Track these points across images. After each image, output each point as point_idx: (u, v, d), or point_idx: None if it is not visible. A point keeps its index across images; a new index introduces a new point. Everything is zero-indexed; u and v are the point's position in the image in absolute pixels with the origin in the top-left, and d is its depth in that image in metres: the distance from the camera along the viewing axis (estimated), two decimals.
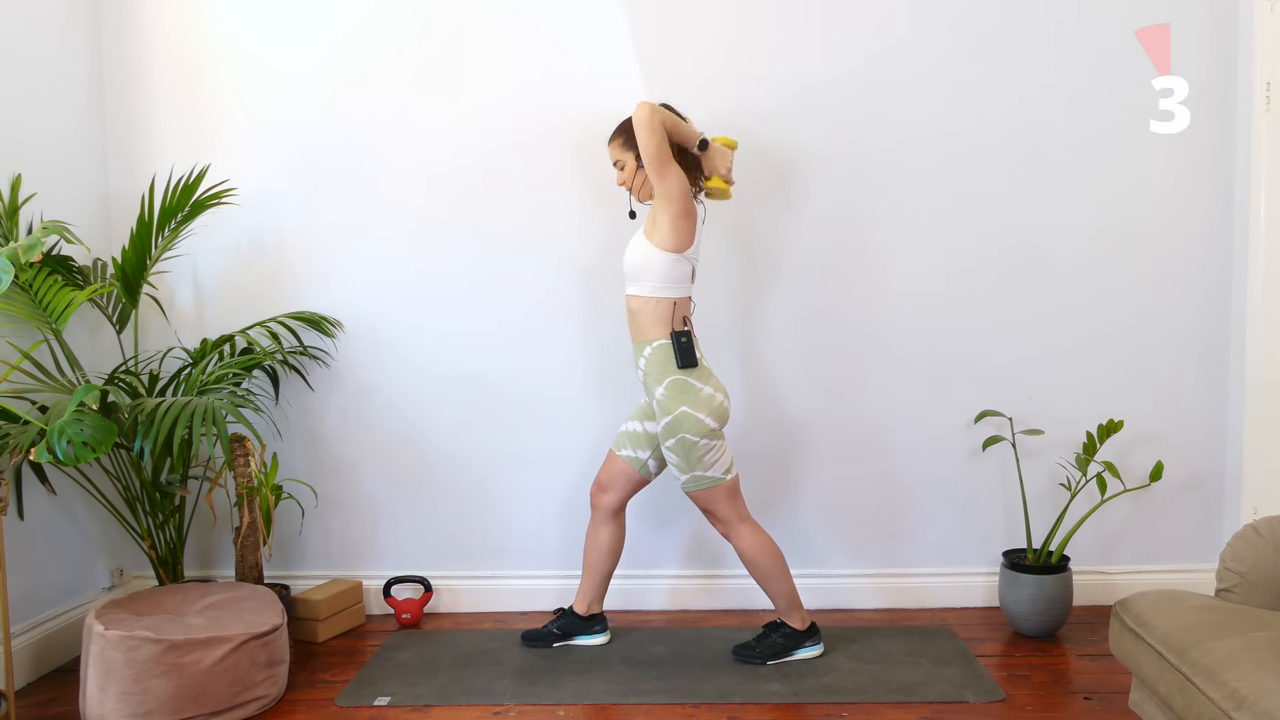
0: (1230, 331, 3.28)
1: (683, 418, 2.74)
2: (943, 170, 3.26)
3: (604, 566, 3.04)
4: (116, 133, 3.36)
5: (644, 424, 2.93)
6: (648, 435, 2.93)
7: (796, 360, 3.33)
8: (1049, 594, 3.04)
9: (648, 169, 2.71)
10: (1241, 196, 3.21)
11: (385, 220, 3.34)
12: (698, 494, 2.82)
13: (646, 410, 2.94)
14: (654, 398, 2.80)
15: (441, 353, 3.36)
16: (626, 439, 2.96)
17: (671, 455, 2.79)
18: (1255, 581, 2.20)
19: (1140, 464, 3.27)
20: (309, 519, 3.42)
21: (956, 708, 2.62)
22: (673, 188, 2.71)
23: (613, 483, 2.98)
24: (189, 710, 2.52)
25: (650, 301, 2.79)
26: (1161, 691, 2.04)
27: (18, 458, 2.65)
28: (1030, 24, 3.21)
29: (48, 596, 3.05)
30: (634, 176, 2.85)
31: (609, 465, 2.98)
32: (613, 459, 2.98)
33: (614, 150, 2.88)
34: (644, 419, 2.94)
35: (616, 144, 2.86)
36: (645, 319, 2.80)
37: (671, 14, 3.23)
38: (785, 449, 3.37)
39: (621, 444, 2.97)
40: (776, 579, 2.87)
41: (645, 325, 2.81)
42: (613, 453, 2.98)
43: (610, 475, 2.98)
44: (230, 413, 2.69)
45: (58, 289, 2.83)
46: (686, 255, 2.78)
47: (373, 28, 3.29)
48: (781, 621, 2.93)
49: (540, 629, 3.08)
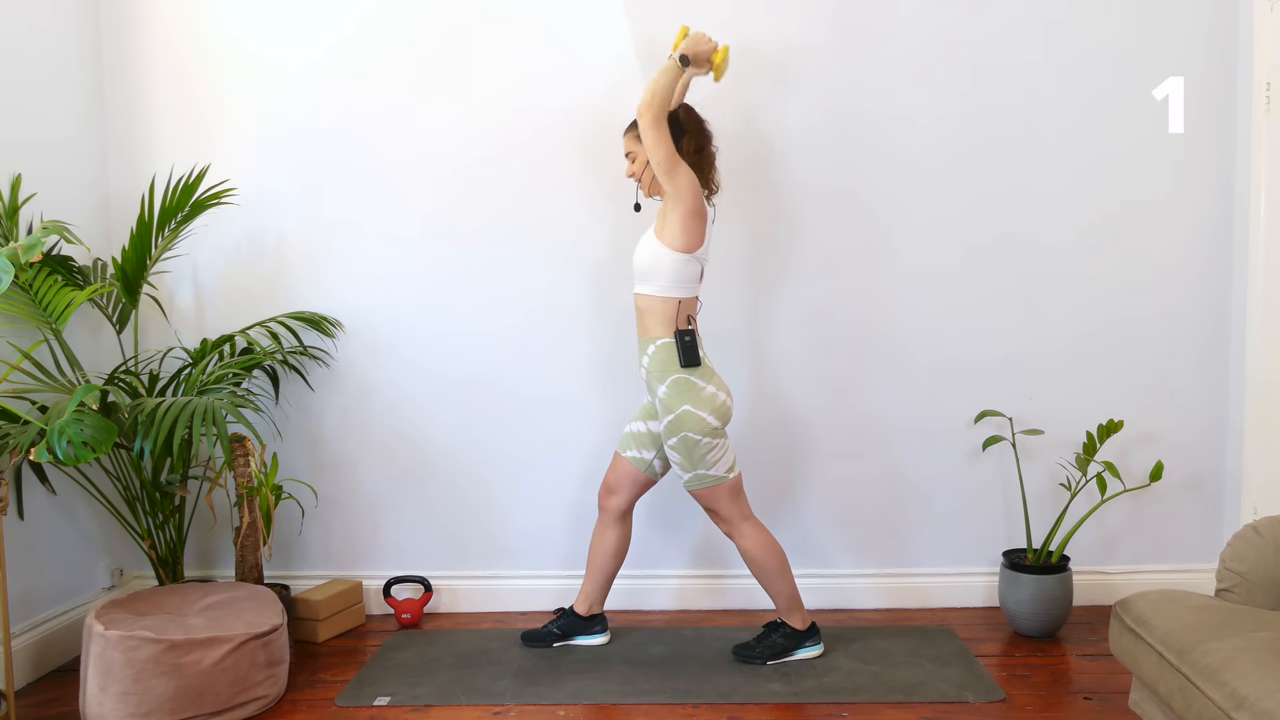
0: (1230, 331, 3.28)
1: (685, 416, 2.74)
2: (944, 170, 3.26)
3: (609, 568, 3.04)
4: (116, 133, 3.36)
5: (647, 424, 2.93)
6: (652, 435, 2.93)
7: (798, 359, 3.33)
8: (1049, 594, 3.04)
9: (656, 173, 2.72)
10: (1241, 196, 3.21)
11: (385, 219, 3.34)
12: (701, 492, 2.82)
13: (650, 410, 2.94)
14: (656, 396, 2.80)
15: (442, 352, 3.36)
16: (631, 440, 2.96)
17: (674, 454, 2.80)
18: (1255, 581, 2.20)
19: (1140, 464, 3.27)
20: (309, 519, 3.42)
21: (956, 708, 2.62)
22: (682, 187, 2.70)
23: (620, 485, 2.97)
24: (189, 710, 2.52)
25: (658, 300, 2.79)
26: (1161, 691, 2.04)
27: (18, 458, 2.65)
28: (1030, 22, 3.21)
29: (48, 596, 3.05)
30: (644, 170, 2.84)
31: (615, 467, 2.98)
32: (619, 461, 2.97)
33: (628, 141, 2.88)
34: (647, 419, 2.94)
35: (631, 135, 2.86)
36: (651, 318, 2.80)
37: (670, 9, 3.24)
38: (786, 448, 3.37)
39: (626, 445, 2.96)
40: (778, 578, 2.87)
41: (650, 324, 2.81)
42: (618, 455, 2.98)
43: (617, 477, 2.97)
44: (230, 413, 2.69)
45: (58, 289, 2.83)
46: (696, 255, 2.77)
47: (373, 27, 3.29)
48: (782, 621, 2.93)
49: (540, 629, 3.08)
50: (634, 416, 2.98)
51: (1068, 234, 3.27)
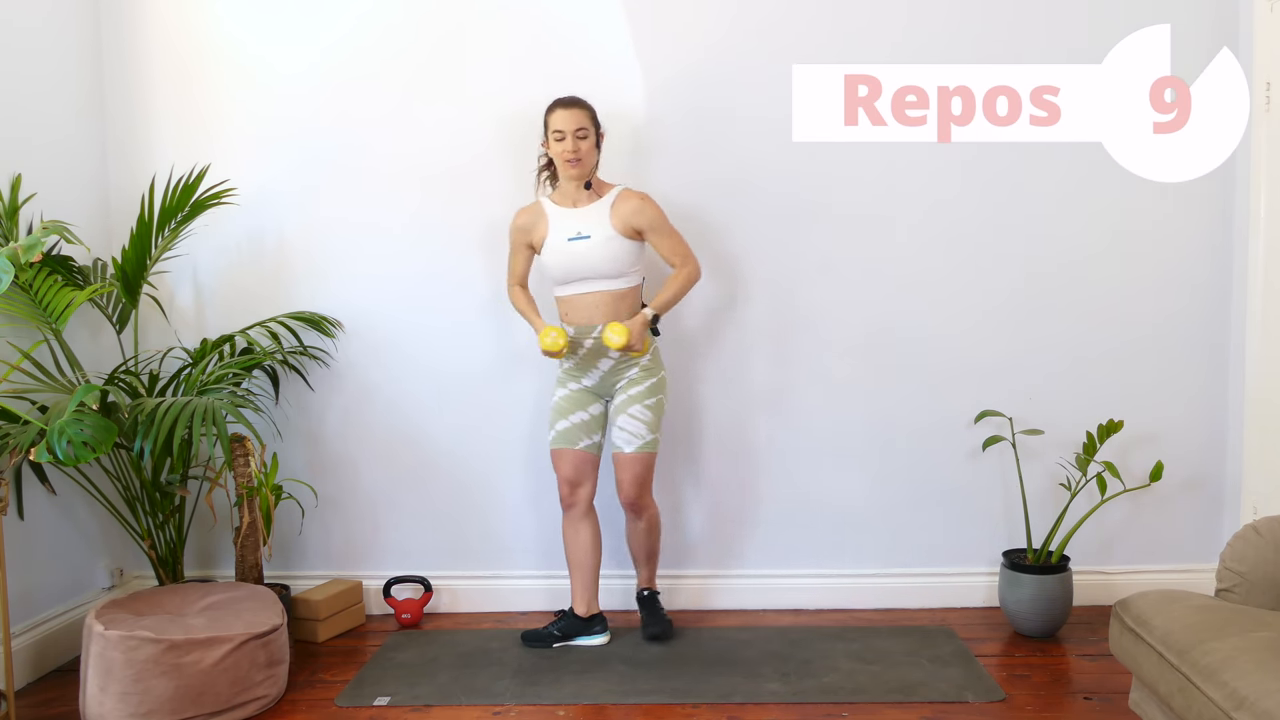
0: (1230, 331, 3.28)
1: (662, 380, 3.03)
2: (943, 169, 3.26)
3: (593, 561, 3.07)
4: (116, 133, 3.36)
5: (588, 410, 3.02)
6: (594, 418, 3.04)
7: (798, 359, 3.33)
8: (1049, 594, 3.04)
9: (678, 249, 2.99)
10: (1242, 197, 3.21)
11: (385, 219, 3.34)
12: (645, 457, 2.98)
13: (587, 395, 3.03)
14: (637, 364, 2.98)
15: (442, 352, 3.36)
16: (580, 430, 3.01)
17: (645, 416, 2.95)
18: (1255, 581, 2.20)
19: (1140, 464, 3.27)
20: (309, 519, 3.42)
21: (956, 708, 2.62)
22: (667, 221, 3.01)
23: (583, 475, 3.03)
24: (189, 710, 2.52)
25: (634, 290, 3.00)
26: (1161, 691, 2.04)
27: (18, 458, 2.65)
28: (1031, 16, 3.21)
29: (48, 596, 3.05)
30: (589, 153, 2.93)
31: (570, 461, 3.01)
32: (572, 454, 3.01)
33: (583, 117, 2.92)
34: (586, 405, 3.02)
35: (585, 114, 2.93)
36: (628, 303, 2.98)
37: (671, 7, 3.24)
38: (786, 448, 3.37)
39: (577, 438, 3.01)
40: (657, 552, 3.17)
41: (629, 306, 2.98)
42: (569, 450, 3.01)
43: (577, 470, 3.02)
44: (230, 413, 2.69)
45: (58, 289, 2.83)
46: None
47: (372, 26, 3.28)
48: (654, 590, 3.18)
49: (541, 630, 3.09)
50: (569, 410, 3.01)
51: (1068, 234, 3.27)
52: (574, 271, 2.94)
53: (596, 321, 2.95)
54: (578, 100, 2.94)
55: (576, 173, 2.94)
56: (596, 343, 2.96)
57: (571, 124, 2.89)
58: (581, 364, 3.00)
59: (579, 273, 2.94)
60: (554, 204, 3.01)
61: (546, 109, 2.96)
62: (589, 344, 2.97)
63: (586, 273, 2.93)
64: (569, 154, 2.90)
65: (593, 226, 2.93)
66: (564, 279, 2.97)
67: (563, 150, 2.90)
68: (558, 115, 2.91)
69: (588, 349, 2.98)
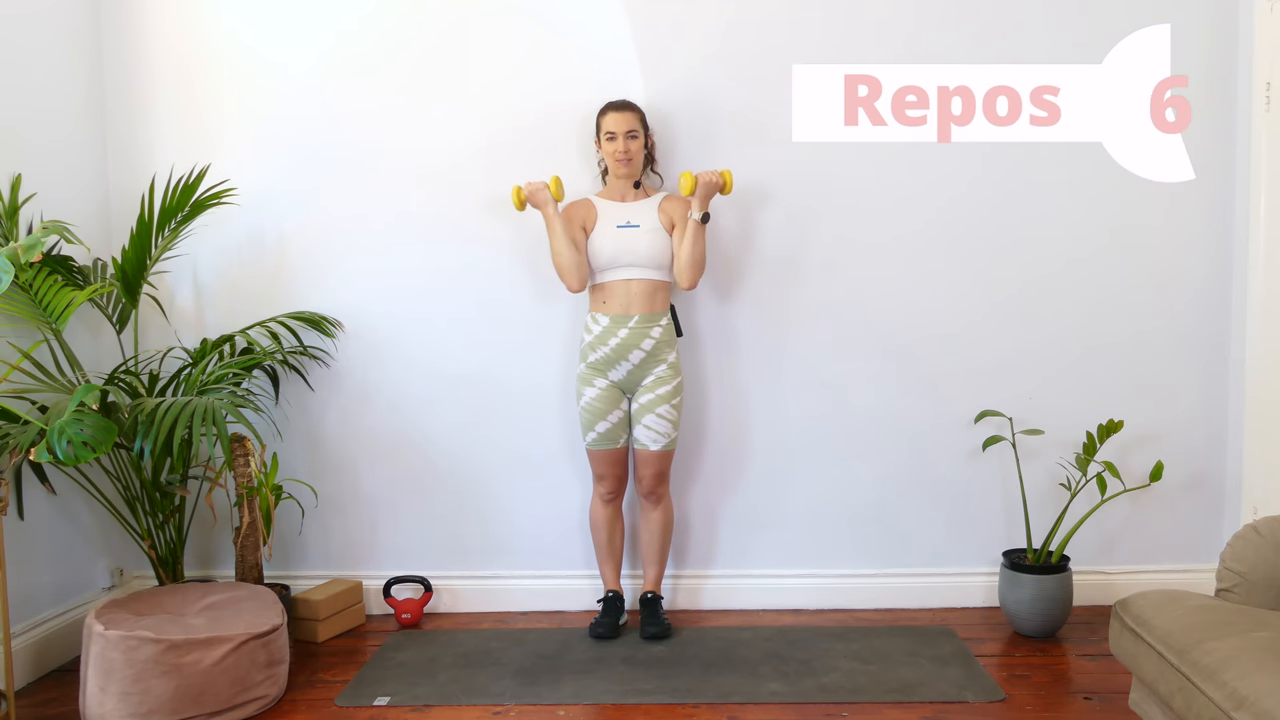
0: (1230, 331, 3.28)
1: (683, 381, 3.13)
2: (943, 169, 3.26)
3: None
4: (117, 133, 3.36)
5: (620, 408, 3.10)
6: (624, 416, 3.12)
7: (797, 359, 3.33)
8: (1049, 594, 3.04)
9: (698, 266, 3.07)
10: (1241, 197, 3.21)
11: (386, 219, 3.34)
12: (667, 455, 3.11)
13: (615, 393, 3.09)
14: (665, 361, 3.07)
15: (442, 352, 3.36)
16: (619, 430, 3.11)
17: (673, 414, 3.07)
18: (1255, 581, 2.21)
19: (1140, 464, 3.27)
20: (309, 519, 3.42)
21: (956, 708, 2.62)
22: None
23: (624, 470, 3.19)
24: (189, 710, 2.52)
25: (666, 284, 3.10)
26: (1161, 691, 2.04)
27: (18, 458, 2.65)
28: (1030, 17, 3.21)
29: (48, 596, 3.05)
30: (639, 152, 3.07)
31: (616, 459, 3.14)
32: (614, 454, 3.13)
33: (631, 120, 3.04)
34: (618, 403, 3.10)
35: (636, 117, 3.05)
36: (662, 296, 3.08)
37: (670, 7, 3.24)
38: (786, 448, 3.37)
39: (617, 437, 3.11)
40: (667, 552, 3.23)
41: (659, 301, 3.08)
42: (612, 450, 3.11)
43: (622, 467, 3.17)
44: (230, 413, 2.69)
45: (58, 289, 2.83)
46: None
47: (372, 25, 3.28)
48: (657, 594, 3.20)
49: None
50: (601, 411, 3.08)
51: (1069, 233, 3.27)
52: (619, 257, 3.04)
53: (633, 311, 3.03)
54: (629, 103, 3.07)
55: (627, 171, 3.07)
56: (630, 334, 3.02)
57: (623, 126, 3.02)
58: (611, 356, 3.05)
59: (624, 259, 3.04)
60: (603, 199, 3.14)
61: (599, 111, 3.08)
62: (623, 335, 3.02)
63: (631, 259, 3.03)
64: (620, 154, 3.04)
65: (641, 218, 3.06)
66: (608, 264, 3.05)
67: (614, 150, 3.04)
68: (610, 117, 3.04)
69: (621, 340, 3.03)
